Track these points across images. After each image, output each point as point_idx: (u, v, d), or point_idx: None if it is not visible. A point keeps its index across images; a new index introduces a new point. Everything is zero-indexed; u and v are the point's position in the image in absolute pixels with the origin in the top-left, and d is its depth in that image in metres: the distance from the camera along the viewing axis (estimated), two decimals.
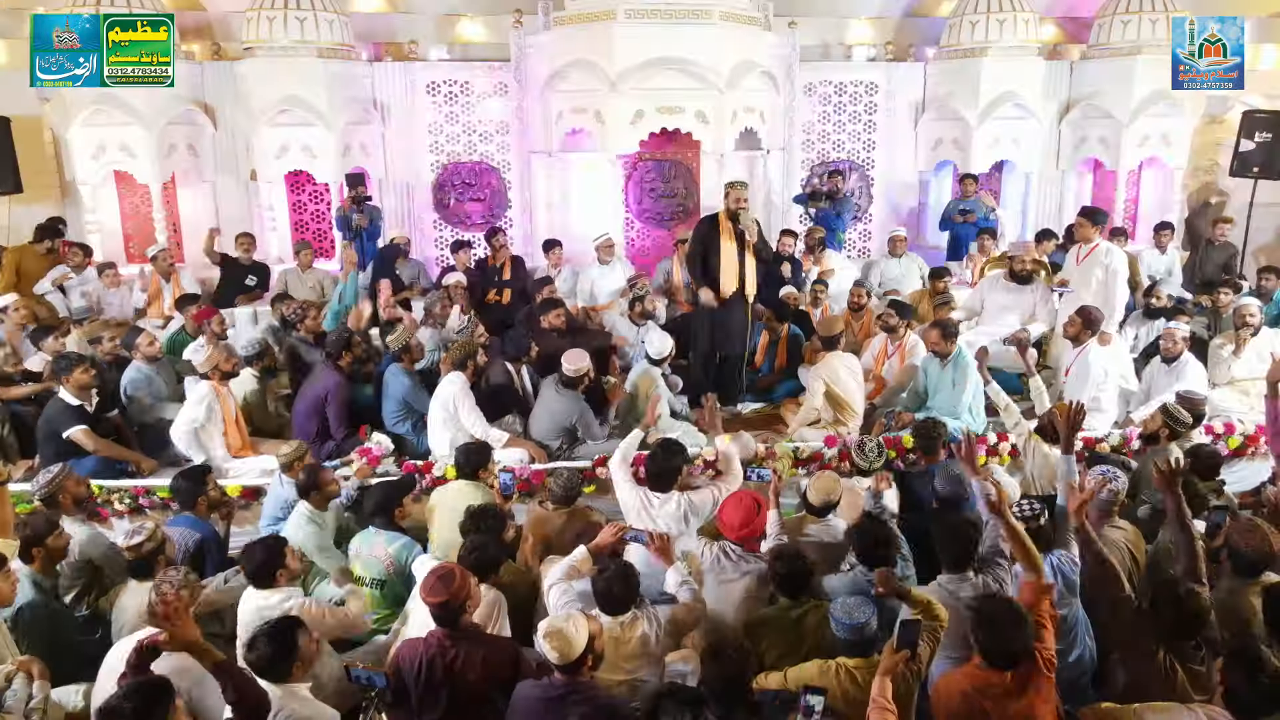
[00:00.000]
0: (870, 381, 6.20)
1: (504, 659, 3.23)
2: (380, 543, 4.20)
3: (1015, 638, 2.91)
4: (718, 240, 6.13)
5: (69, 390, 5.07)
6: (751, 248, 6.15)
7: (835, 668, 3.08)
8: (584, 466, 5.16)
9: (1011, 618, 2.94)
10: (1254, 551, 3.47)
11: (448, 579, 3.14)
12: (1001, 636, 2.91)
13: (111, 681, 3.30)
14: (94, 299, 7.38)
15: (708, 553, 3.88)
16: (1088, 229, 6.17)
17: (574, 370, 5.45)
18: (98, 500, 4.88)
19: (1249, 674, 2.64)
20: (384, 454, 5.31)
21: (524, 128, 8.64)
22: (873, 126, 9.45)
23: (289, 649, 2.98)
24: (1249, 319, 6.13)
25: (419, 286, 7.99)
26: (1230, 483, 4.94)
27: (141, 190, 8.62)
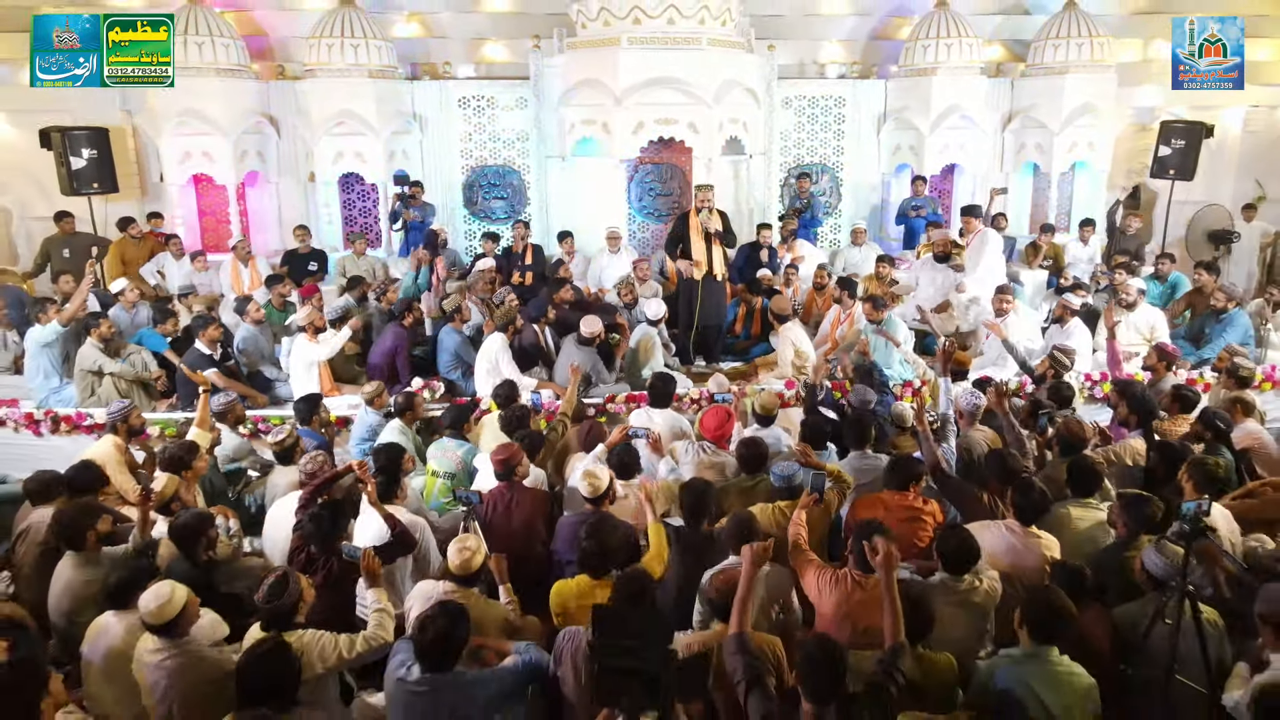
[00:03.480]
0: (826, 342, 7.72)
1: (542, 502, 4.76)
2: (452, 447, 5.67)
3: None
4: (689, 231, 7.68)
5: (203, 343, 6.59)
6: (715, 236, 7.66)
7: (772, 508, 4.57)
8: (597, 402, 6.69)
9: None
10: (1073, 437, 4.99)
11: (509, 447, 4.67)
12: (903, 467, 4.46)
13: (276, 531, 4.80)
14: (188, 281, 8.87)
15: (690, 448, 5.39)
16: (971, 222, 7.61)
17: (590, 331, 6.96)
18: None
19: (1025, 496, 4.15)
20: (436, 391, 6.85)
21: (541, 136, 10.15)
22: (841, 134, 10.93)
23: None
24: (1125, 297, 7.62)
25: (456, 271, 9.48)
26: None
27: (217, 190, 10.11)
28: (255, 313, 7.18)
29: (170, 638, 3.32)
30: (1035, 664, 3.16)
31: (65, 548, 4.08)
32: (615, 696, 1.77)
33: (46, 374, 6.78)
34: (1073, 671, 3.17)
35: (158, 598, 3.28)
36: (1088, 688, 3.15)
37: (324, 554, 4.17)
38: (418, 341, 7.45)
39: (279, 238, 10.37)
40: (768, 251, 9.25)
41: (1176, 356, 6.61)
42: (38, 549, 4.40)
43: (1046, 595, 3.27)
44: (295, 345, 6.81)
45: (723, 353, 8.16)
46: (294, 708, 3.06)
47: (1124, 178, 12.19)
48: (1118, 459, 5.40)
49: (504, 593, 4.03)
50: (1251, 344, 7.46)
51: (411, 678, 3.15)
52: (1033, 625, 3.23)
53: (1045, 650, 3.18)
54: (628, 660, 1.73)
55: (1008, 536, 4.21)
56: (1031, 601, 3.26)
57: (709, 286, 7.77)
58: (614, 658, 1.74)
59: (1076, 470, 4.68)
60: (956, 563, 3.73)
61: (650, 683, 1.73)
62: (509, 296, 7.52)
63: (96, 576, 3.96)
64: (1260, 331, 7.67)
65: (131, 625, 3.61)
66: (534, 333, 7.46)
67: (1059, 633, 3.20)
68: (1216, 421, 5.25)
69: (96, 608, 3.84)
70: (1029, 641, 3.22)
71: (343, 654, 3.49)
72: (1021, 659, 3.21)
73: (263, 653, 3.07)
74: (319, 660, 3.40)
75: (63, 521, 4.07)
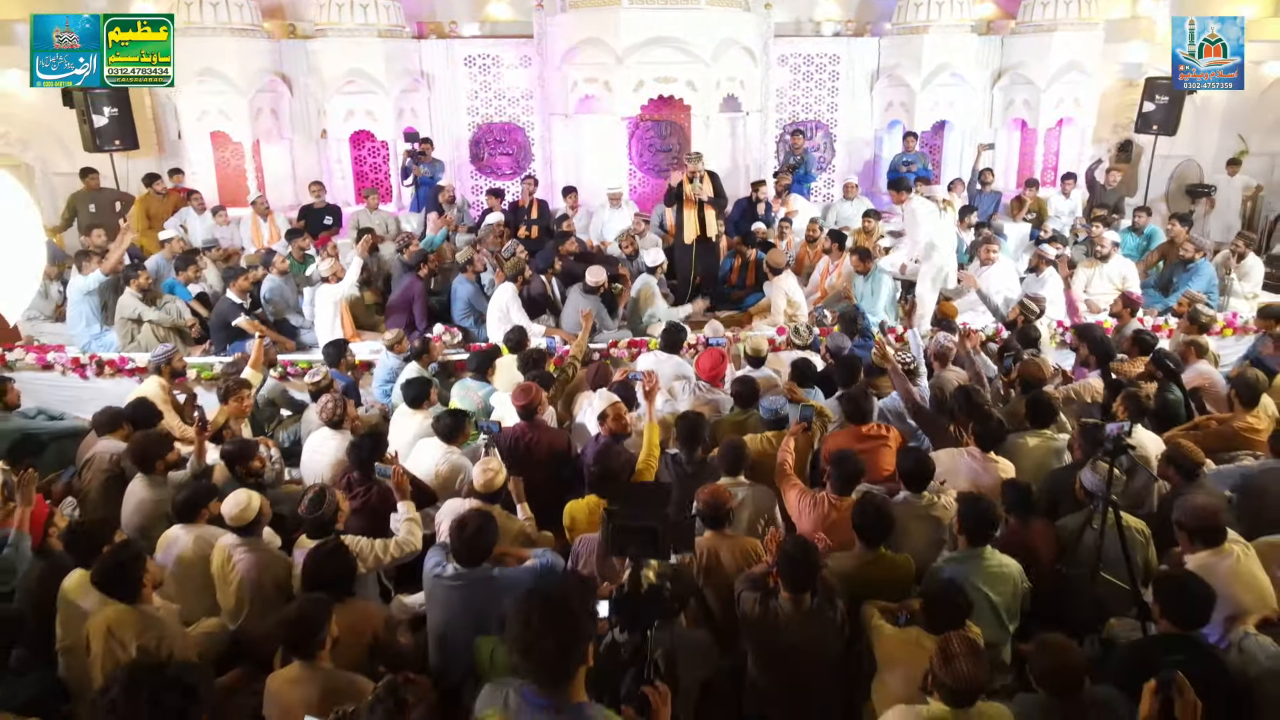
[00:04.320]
0: (816, 291, 8.20)
1: (559, 439, 5.27)
2: (475, 387, 6.16)
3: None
4: (682, 204, 8.13)
5: (234, 292, 7.08)
6: (707, 203, 8.09)
7: (760, 438, 5.09)
8: (601, 347, 7.19)
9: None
10: (1032, 376, 5.51)
11: (529, 390, 5.18)
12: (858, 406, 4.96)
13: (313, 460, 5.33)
14: (210, 235, 9.30)
15: (687, 386, 5.91)
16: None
17: (595, 281, 7.43)
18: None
19: (984, 425, 4.67)
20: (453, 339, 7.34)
21: (545, 94, 10.50)
22: (835, 91, 11.28)
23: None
24: (1100, 249, 8.07)
25: (465, 225, 9.93)
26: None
27: (234, 147, 10.50)
28: (280, 264, 7.65)
29: (248, 536, 3.88)
30: (973, 561, 3.71)
31: (138, 471, 4.61)
32: (625, 548, 2.27)
33: (88, 321, 7.27)
34: (1003, 564, 3.72)
35: (238, 504, 3.85)
36: (1016, 577, 3.71)
37: (363, 480, 4.72)
38: (433, 291, 7.93)
39: (293, 193, 10.77)
40: (763, 206, 9.67)
41: (1140, 304, 7.10)
42: (103, 475, 4.93)
43: (980, 505, 3.80)
44: (319, 292, 7.29)
45: (718, 301, 8.64)
46: (347, 597, 3.62)
47: (1111, 132, 12.54)
48: (1078, 396, 5.94)
49: (521, 510, 4.57)
50: (1215, 293, 7.94)
51: (447, 574, 3.69)
52: (969, 531, 3.77)
53: (980, 550, 3.73)
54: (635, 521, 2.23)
55: (969, 461, 4.74)
56: (967, 512, 3.80)
57: (703, 248, 8.24)
58: (625, 520, 2.24)
59: (1034, 404, 5.21)
60: (915, 480, 4.28)
61: (652, 537, 2.24)
62: (518, 249, 7.99)
63: (165, 496, 4.50)
64: (1224, 281, 8.14)
65: (198, 536, 4.17)
66: (541, 283, 7.93)
67: (990, 536, 3.75)
68: (1166, 361, 5.77)
69: (165, 522, 4.39)
70: (966, 544, 3.77)
71: (379, 556, 4.05)
72: (962, 558, 3.76)
73: (327, 550, 3.62)
74: (359, 561, 3.95)
75: (138, 449, 4.60)
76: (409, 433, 5.46)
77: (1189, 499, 3.95)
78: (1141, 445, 4.85)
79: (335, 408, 5.31)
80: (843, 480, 4.24)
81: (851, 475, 4.23)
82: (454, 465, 5.11)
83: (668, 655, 2.70)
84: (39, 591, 3.94)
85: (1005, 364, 6.06)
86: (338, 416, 5.29)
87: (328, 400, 5.42)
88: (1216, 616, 3.44)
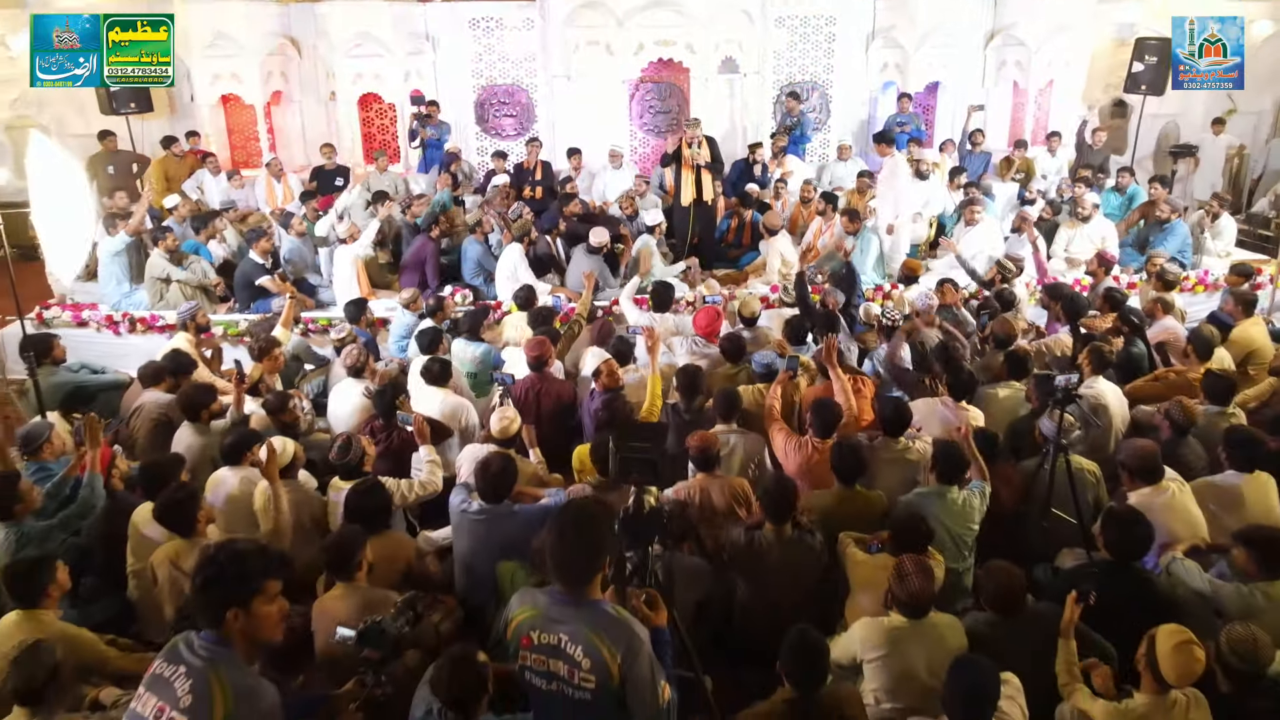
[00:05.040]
0: (809, 250, 8.58)
1: (566, 390, 5.73)
2: (470, 348, 6.57)
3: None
4: (679, 164, 8.47)
5: (256, 253, 7.48)
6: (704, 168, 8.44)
7: (752, 389, 5.53)
8: (604, 304, 7.61)
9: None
10: (1004, 333, 5.94)
11: (542, 344, 5.62)
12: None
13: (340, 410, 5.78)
14: (226, 196, 9.65)
15: (685, 342, 6.34)
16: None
17: (598, 242, 7.83)
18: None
19: (956, 377, 5.12)
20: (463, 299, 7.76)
21: (548, 56, 10.75)
22: (832, 53, 11.47)
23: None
24: (1081, 211, 8.44)
25: (472, 185, 10.27)
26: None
27: (245, 109, 10.79)
28: (298, 226, 8.04)
29: (285, 478, 4.35)
30: (938, 498, 4.18)
31: (184, 420, 5.07)
32: (629, 475, 2.71)
33: (118, 280, 7.69)
34: (962, 499, 4.18)
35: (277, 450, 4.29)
36: (972, 509, 4.18)
37: (386, 427, 5.18)
38: (443, 251, 8.32)
39: (304, 154, 11.08)
40: (759, 167, 10.00)
41: (1113, 263, 7.49)
42: (151, 423, 5.39)
43: (948, 448, 4.26)
44: (338, 252, 7.69)
45: (716, 260, 9.02)
46: (383, 529, 4.10)
47: (1103, 92, 12.79)
48: (1048, 350, 6.38)
49: (534, 455, 5.04)
50: (1189, 251, 8.33)
51: (472, 509, 4.16)
52: (940, 472, 4.24)
53: (946, 488, 4.20)
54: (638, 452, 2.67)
55: (942, 409, 5.20)
56: (941, 455, 4.26)
57: (700, 210, 8.62)
58: (630, 452, 2.68)
59: (1010, 359, 5.67)
60: (893, 425, 4.74)
61: (653, 467, 2.68)
62: (524, 211, 8.36)
63: (210, 442, 4.96)
64: (1199, 239, 8.52)
65: (243, 477, 4.63)
66: (546, 243, 8.32)
67: (959, 477, 4.21)
68: (1131, 317, 6.19)
69: (211, 465, 4.86)
70: (935, 482, 4.24)
71: (404, 494, 4.54)
72: (929, 494, 4.23)
73: (365, 487, 4.10)
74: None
75: (185, 400, 5.06)
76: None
77: (1130, 442, 4.42)
78: (1102, 395, 5.31)
79: (359, 355, 5.77)
80: (823, 425, 4.69)
81: (830, 421, 4.68)
82: (454, 406, 5.53)
83: (666, 574, 3.18)
84: (105, 526, 4.43)
85: (981, 321, 6.49)
86: (360, 363, 5.75)
87: (351, 348, 5.88)
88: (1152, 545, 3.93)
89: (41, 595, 3.48)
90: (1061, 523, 4.42)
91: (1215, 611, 3.70)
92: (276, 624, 2.34)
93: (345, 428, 5.56)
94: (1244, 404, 5.74)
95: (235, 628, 2.26)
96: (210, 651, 2.23)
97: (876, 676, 3.42)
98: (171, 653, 2.28)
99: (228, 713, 2.16)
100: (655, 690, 2.40)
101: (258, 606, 2.28)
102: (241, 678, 2.23)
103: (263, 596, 2.29)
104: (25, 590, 3.45)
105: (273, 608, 2.32)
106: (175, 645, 2.29)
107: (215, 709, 2.15)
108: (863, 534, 4.14)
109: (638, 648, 2.38)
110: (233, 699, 2.17)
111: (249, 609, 2.26)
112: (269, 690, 2.29)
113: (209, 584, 2.26)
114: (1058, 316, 6.62)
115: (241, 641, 2.28)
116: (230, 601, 2.24)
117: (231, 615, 2.24)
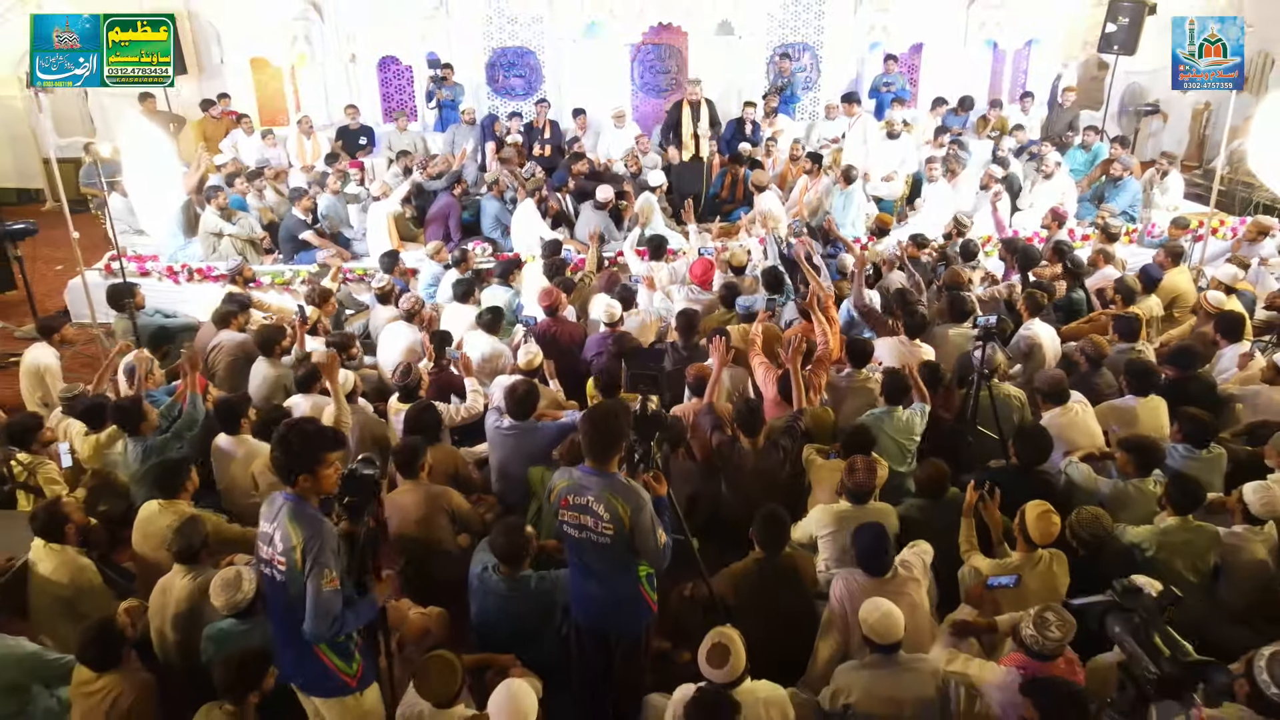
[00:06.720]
0: (795, 206, 9.45)
1: (577, 331, 6.68)
2: (501, 291, 7.51)
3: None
4: (680, 119, 9.27)
5: (298, 210, 8.36)
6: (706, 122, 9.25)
7: (739, 329, 6.47)
8: (610, 255, 8.51)
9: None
10: (953, 282, 6.86)
11: (551, 293, 6.55)
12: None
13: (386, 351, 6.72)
14: (261, 155, 10.47)
15: (681, 289, 7.26)
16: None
17: (604, 198, 8.70)
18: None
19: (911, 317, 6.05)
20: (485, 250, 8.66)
21: (555, 20, 11.45)
22: (822, 15, 12.14)
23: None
24: (1044, 169, 9.26)
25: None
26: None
27: (272, 71, 11.52)
28: (333, 184, 8.90)
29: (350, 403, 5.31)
30: (886, 415, 5.15)
31: (259, 355, 6.03)
32: (637, 386, 3.64)
33: (173, 234, 8.57)
34: (906, 417, 5.14)
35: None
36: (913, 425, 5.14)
37: (436, 361, 6.14)
38: (464, 206, 9.19)
39: (326, 114, 11.85)
40: (751, 126, 10.79)
41: (1065, 218, 8.37)
42: (229, 358, 6.35)
43: (893, 376, 5.21)
44: (372, 208, 8.58)
45: (711, 214, 9.89)
46: (436, 441, 5.09)
47: (1081, 50, 13.44)
48: (1001, 296, 7.30)
49: (553, 383, 6.00)
50: (1139, 206, 9.20)
51: (504, 425, 5.13)
52: (887, 395, 5.20)
53: (893, 409, 5.16)
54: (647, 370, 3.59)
55: (898, 345, 6.14)
56: (886, 382, 5.21)
57: (695, 163, 9.46)
58: (638, 368, 3.61)
59: (951, 303, 6.59)
60: (857, 358, 5.70)
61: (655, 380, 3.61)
62: (536, 169, 9.21)
63: (284, 373, 5.94)
64: (1148, 194, 9.38)
65: (314, 403, 5.58)
66: (557, 199, 9.18)
67: (902, 399, 5.17)
68: (1070, 265, 7.10)
69: (284, 392, 5.83)
70: (884, 403, 5.20)
71: (451, 416, 5.51)
72: (881, 413, 5.19)
73: (421, 407, 5.09)
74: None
75: (261, 338, 6.02)
76: (462, 323, 6.84)
77: (1042, 372, 5.39)
78: (1037, 335, 6.26)
79: (415, 303, 6.72)
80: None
81: (804, 354, 5.62)
82: (496, 349, 6.50)
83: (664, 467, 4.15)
84: (202, 442, 5.41)
85: (938, 270, 7.41)
86: (416, 309, 6.70)
87: (409, 295, 6.84)
88: (1056, 454, 4.91)
89: (180, 489, 4.46)
90: (986, 438, 5.39)
91: (1099, 503, 4.69)
92: (334, 482, 3.14)
93: (395, 363, 6.49)
94: (1168, 342, 6.71)
95: (304, 486, 3.08)
96: (287, 502, 3.08)
97: (827, 548, 4.43)
98: (268, 508, 3.16)
99: (300, 540, 2.98)
100: (655, 535, 3.38)
101: (319, 471, 3.08)
102: (306, 514, 3.05)
103: (323, 465, 3.08)
104: (169, 484, 4.43)
105: (330, 470, 3.11)
106: (271, 500, 3.16)
107: (293, 538, 2.99)
108: (823, 445, 5.11)
109: (642, 505, 3.35)
110: (302, 529, 2.99)
111: (314, 473, 3.08)
112: (326, 522, 3.10)
113: (286, 455, 3.08)
114: (1013, 266, 7.52)
115: (309, 495, 3.10)
116: (299, 468, 3.06)
117: (302, 478, 3.07)
